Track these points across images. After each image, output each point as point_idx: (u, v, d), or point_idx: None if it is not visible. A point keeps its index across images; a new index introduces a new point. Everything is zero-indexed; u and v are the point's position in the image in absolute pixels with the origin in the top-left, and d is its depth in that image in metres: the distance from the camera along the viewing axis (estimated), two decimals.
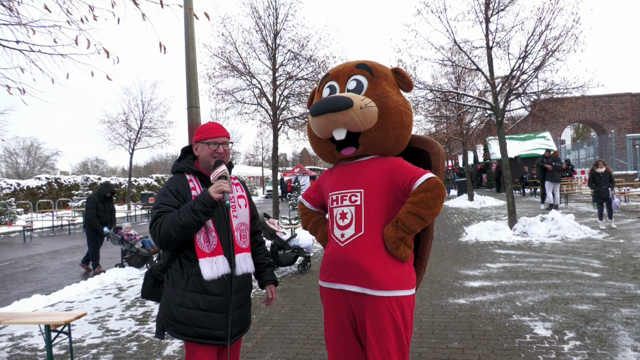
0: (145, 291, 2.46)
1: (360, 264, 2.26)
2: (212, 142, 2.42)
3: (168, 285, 2.34)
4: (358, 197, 2.34)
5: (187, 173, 2.43)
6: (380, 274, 2.22)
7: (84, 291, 6.95)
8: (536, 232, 9.99)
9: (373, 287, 2.23)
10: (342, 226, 2.36)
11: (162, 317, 2.32)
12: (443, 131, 19.02)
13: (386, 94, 2.38)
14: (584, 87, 10.39)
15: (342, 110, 2.25)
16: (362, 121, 2.29)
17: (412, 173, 2.26)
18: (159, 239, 2.22)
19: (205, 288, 2.26)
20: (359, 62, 2.50)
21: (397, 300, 2.22)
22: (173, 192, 2.33)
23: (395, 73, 2.51)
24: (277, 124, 11.97)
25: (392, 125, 2.36)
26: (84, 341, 4.66)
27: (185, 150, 2.56)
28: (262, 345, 4.30)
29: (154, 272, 2.42)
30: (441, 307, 5.22)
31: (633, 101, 32.35)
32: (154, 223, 2.24)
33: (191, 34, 8.35)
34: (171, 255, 2.34)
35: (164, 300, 2.34)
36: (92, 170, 62.10)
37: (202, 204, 2.20)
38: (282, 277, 7.30)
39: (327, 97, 2.32)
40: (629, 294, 5.32)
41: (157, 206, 2.30)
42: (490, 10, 10.19)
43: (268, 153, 40.47)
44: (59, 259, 10.96)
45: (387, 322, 2.19)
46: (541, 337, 4.14)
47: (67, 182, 31.28)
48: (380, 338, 2.20)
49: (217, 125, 2.47)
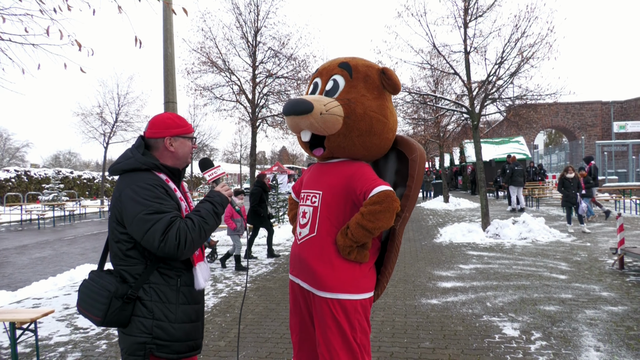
0: (110, 316, 1.92)
1: (309, 264, 2.32)
2: (192, 138, 2.23)
3: (153, 302, 1.97)
4: (317, 198, 2.39)
5: (159, 172, 2.08)
6: (325, 275, 2.26)
7: (53, 287, 6.78)
8: (508, 234, 10.23)
9: (317, 287, 2.29)
10: (301, 224, 2.44)
11: (146, 342, 1.95)
12: (420, 133, 19.29)
13: (359, 99, 2.34)
14: (557, 94, 10.71)
15: (301, 114, 2.26)
16: (322, 127, 2.30)
17: (368, 184, 2.22)
18: (184, 248, 1.89)
19: (194, 298, 2.10)
20: (343, 60, 2.45)
21: (341, 303, 2.24)
22: (164, 194, 2.00)
23: (382, 74, 2.40)
24: (256, 121, 11.90)
25: (357, 133, 2.33)
26: (51, 339, 4.54)
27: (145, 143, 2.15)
28: (236, 343, 4.28)
29: (122, 292, 1.94)
30: (414, 307, 5.29)
31: (603, 109, 33.46)
32: (169, 230, 1.88)
33: (169, 28, 8.23)
34: (147, 267, 1.99)
35: (150, 322, 1.96)
36: (64, 163, 60.48)
37: (222, 207, 2.08)
38: (257, 275, 7.27)
39: (293, 99, 2.33)
40: (594, 295, 5.51)
41: (163, 210, 1.92)
42: (468, 15, 10.37)
43: (246, 150, 40.17)
44: (27, 254, 10.63)
45: (331, 322, 2.24)
46: (509, 337, 4.25)
47: (37, 175, 30.34)
48: (326, 337, 2.25)
49: (183, 118, 2.27)
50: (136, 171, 2.02)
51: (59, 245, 11.98)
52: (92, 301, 1.96)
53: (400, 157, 2.55)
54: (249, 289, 6.36)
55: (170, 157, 2.14)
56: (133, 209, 1.91)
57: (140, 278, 1.98)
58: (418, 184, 2.42)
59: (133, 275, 1.99)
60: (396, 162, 2.59)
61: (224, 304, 5.66)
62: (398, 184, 2.56)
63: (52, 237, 13.69)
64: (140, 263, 1.99)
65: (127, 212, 1.93)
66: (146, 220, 1.88)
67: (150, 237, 1.87)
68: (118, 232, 1.99)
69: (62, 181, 30.65)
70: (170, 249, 1.87)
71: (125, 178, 2.01)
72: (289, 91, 11.97)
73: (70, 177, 33.26)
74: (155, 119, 2.16)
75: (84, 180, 34.74)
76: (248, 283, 6.75)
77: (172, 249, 1.88)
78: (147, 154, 2.10)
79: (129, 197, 1.94)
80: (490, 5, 10.23)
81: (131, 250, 1.99)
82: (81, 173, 35.46)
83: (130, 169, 2.02)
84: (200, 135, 36.72)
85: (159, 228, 1.87)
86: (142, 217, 1.88)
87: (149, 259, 1.99)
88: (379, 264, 2.52)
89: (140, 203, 1.91)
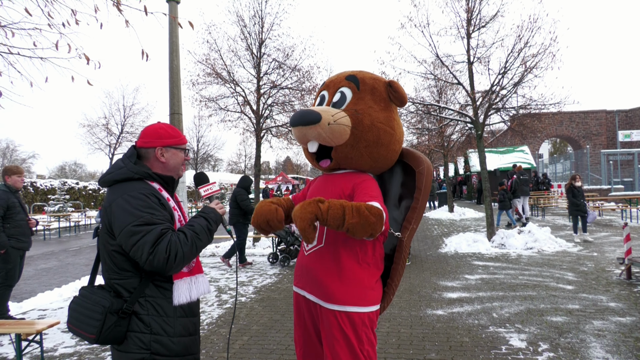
0: (105, 333, 1.84)
1: (317, 275, 2.31)
2: (184, 149, 2.19)
3: (150, 316, 1.91)
4: None
5: (152, 181, 2.03)
6: (334, 287, 2.25)
7: (58, 299, 6.79)
8: (513, 244, 10.17)
9: (325, 299, 2.28)
10: None
11: (144, 358, 1.89)
12: (425, 143, 19.29)
13: (366, 110, 2.36)
14: (560, 103, 10.70)
15: (309, 124, 2.27)
16: (330, 137, 2.31)
17: (367, 198, 2.18)
18: (174, 262, 1.83)
19: (192, 310, 2.07)
20: (350, 73, 2.48)
21: (348, 315, 2.23)
22: (157, 203, 1.94)
23: (389, 86, 2.43)
24: (260, 132, 11.96)
25: (365, 144, 2.34)
26: (56, 351, 4.54)
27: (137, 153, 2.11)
28: (240, 355, 4.26)
29: (117, 307, 1.87)
30: (419, 318, 5.26)
31: (607, 118, 33.37)
32: (159, 242, 1.81)
33: (175, 40, 8.33)
34: (142, 280, 1.93)
35: (148, 337, 1.90)
36: (70, 174, 60.84)
37: (216, 224, 2.05)
38: (262, 286, 7.25)
39: (301, 110, 2.35)
40: (601, 306, 5.46)
41: (154, 221, 1.86)
42: (471, 26, 10.44)
43: (251, 161, 40.31)
44: (33, 265, 10.67)
45: (338, 335, 2.23)
46: (516, 348, 4.21)
47: (43, 186, 30.53)
48: (333, 349, 2.23)
49: (177, 129, 2.22)
50: (128, 181, 1.96)
51: (65, 256, 12.01)
52: (85, 318, 1.88)
53: (406, 169, 2.56)
54: (254, 300, 6.34)
55: (161, 167, 2.10)
56: (123, 220, 1.84)
57: (136, 291, 1.91)
58: (425, 196, 2.42)
59: (128, 289, 1.92)
60: (402, 175, 2.59)
61: (229, 315, 5.64)
62: (404, 196, 2.55)
63: (58, 248, 13.73)
64: (134, 276, 1.92)
65: (116, 223, 1.87)
66: (135, 232, 1.81)
67: (138, 249, 1.80)
68: (110, 245, 1.93)
69: (68, 192, 30.82)
70: (159, 262, 1.80)
71: (117, 188, 1.95)
72: (293, 102, 12.03)
73: (75, 187, 33.43)
74: (147, 129, 2.12)
75: (89, 191, 34.91)
76: (252, 294, 6.74)
77: (161, 262, 1.80)
78: (139, 163, 2.05)
79: (120, 206, 1.88)
80: (493, 16, 10.29)
81: (125, 263, 1.92)
82: (87, 184, 35.63)
83: (122, 179, 1.96)
84: (205, 145, 36.90)
85: (148, 240, 1.80)
86: (130, 229, 1.82)
87: (143, 271, 1.93)
88: (385, 276, 2.51)
89: (130, 213, 1.84)
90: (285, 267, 8.92)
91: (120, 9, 3.61)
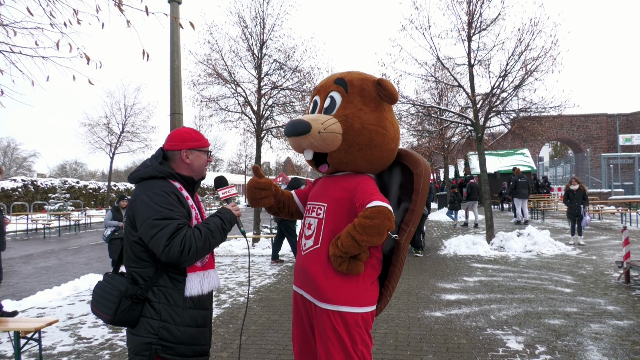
0: (119, 315, 2.02)
1: (312, 275, 2.33)
2: (208, 151, 2.36)
3: (161, 305, 2.06)
4: (322, 211, 2.42)
5: (174, 180, 2.20)
6: (327, 287, 2.27)
7: (57, 297, 6.81)
8: (513, 246, 10.18)
9: (319, 299, 2.30)
10: (306, 236, 2.46)
11: (152, 342, 2.03)
12: (425, 145, 19.33)
13: (356, 113, 2.35)
14: (561, 106, 10.71)
15: (301, 135, 2.31)
16: (322, 145, 2.34)
17: (366, 197, 2.20)
18: (187, 255, 1.96)
19: (202, 303, 2.18)
20: (338, 77, 2.47)
21: (341, 315, 2.25)
22: (176, 201, 2.09)
23: (378, 85, 2.39)
24: (261, 132, 11.98)
25: (358, 147, 2.35)
26: (55, 349, 4.55)
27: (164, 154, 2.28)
28: (239, 354, 4.27)
29: (132, 292, 2.04)
30: (417, 319, 5.27)
31: (608, 121, 33.36)
32: (175, 236, 1.95)
33: (176, 40, 8.35)
34: (157, 271, 2.08)
35: (157, 323, 2.04)
36: (70, 173, 60.88)
37: (230, 224, 2.17)
38: (260, 287, 7.26)
39: (292, 121, 2.38)
40: (599, 309, 5.46)
41: (172, 217, 2.00)
42: (472, 29, 10.46)
43: (251, 161, 40.34)
44: (32, 263, 10.68)
45: (331, 334, 2.25)
46: (513, 350, 4.22)
47: (44, 184, 30.56)
48: (326, 348, 2.26)
49: (200, 133, 2.37)
50: (153, 179, 2.14)
51: (64, 254, 12.03)
52: (104, 300, 2.06)
53: (405, 171, 2.56)
54: (252, 300, 6.36)
55: (186, 168, 2.27)
56: (144, 213, 2.01)
57: (150, 280, 2.07)
58: (423, 199, 2.42)
59: (143, 277, 2.08)
60: (400, 176, 2.60)
61: (227, 314, 5.65)
62: (402, 198, 2.56)
63: (58, 247, 13.76)
64: (151, 266, 2.08)
65: (138, 216, 2.03)
66: (154, 225, 1.97)
67: (156, 241, 1.96)
68: (132, 235, 2.09)
69: (68, 191, 30.86)
70: (173, 254, 1.94)
71: (142, 185, 2.13)
72: (294, 102, 12.04)
73: (76, 186, 33.48)
74: (174, 133, 2.30)
75: (89, 190, 34.95)
76: (251, 294, 6.76)
77: (175, 254, 1.94)
78: (165, 163, 2.22)
79: (142, 201, 2.04)
80: (494, 19, 10.32)
81: (143, 253, 2.07)
82: (87, 183, 35.67)
83: (147, 177, 2.15)
84: None
85: (165, 233, 1.95)
86: (150, 222, 1.98)
87: (159, 263, 2.08)
88: (383, 278, 2.52)
89: (151, 208, 2.00)
90: (284, 267, 8.93)
91: (122, 9, 3.63)
